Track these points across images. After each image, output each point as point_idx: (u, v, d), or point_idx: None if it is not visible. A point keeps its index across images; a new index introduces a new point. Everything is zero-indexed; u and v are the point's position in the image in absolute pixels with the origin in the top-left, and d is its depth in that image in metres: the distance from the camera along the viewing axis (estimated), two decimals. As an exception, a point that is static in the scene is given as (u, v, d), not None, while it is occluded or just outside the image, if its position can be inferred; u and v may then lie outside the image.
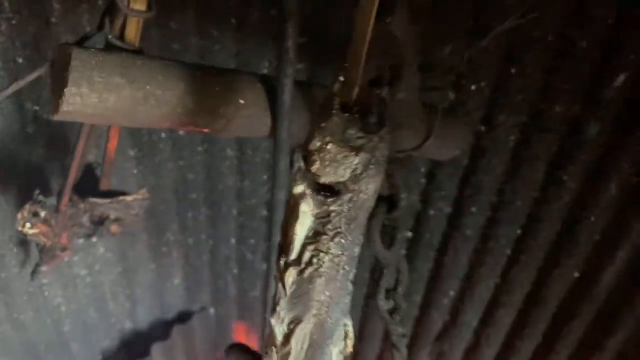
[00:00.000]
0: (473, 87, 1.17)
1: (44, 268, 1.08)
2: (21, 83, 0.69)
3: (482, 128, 1.22)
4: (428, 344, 1.74)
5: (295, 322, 0.53)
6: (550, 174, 1.22)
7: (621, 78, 1.04)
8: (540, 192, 1.26)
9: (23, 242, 1.21)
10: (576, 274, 1.33)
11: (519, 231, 1.35)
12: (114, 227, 1.04)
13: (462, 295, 1.57)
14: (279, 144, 0.72)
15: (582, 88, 1.08)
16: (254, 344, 1.96)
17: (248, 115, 0.70)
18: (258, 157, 1.44)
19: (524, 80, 1.12)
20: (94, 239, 1.10)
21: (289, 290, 0.52)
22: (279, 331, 0.54)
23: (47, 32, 1.04)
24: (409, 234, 1.54)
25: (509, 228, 1.35)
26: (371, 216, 0.72)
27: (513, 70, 1.11)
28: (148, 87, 0.61)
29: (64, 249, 1.02)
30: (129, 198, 0.99)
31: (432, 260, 1.55)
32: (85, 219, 1.01)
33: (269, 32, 1.13)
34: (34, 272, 1.12)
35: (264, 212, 1.57)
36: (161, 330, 1.70)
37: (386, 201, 0.70)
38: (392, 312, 0.79)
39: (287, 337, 0.54)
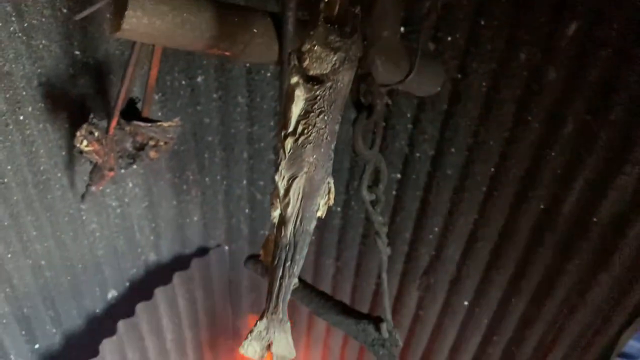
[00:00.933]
0: (449, 39, 1.37)
1: (93, 188, 1.30)
2: (93, 8, 0.90)
3: (458, 76, 1.42)
4: (416, 278, 1.95)
5: (292, 179, 0.74)
6: (517, 115, 1.41)
7: (572, 28, 1.23)
8: (510, 132, 1.45)
9: (66, 168, 1.42)
10: (541, 206, 1.53)
11: (492, 169, 1.55)
12: (152, 153, 1.25)
13: (445, 231, 1.77)
14: (284, 65, 0.93)
15: (540, 37, 1.27)
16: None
17: (260, 42, 0.91)
18: (266, 104, 1.65)
19: (492, 32, 1.31)
20: (135, 166, 1.30)
21: (287, 154, 0.73)
22: (281, 186, 0.75)
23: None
24: (398, 176, 1.75)
25: (483, 166, 1.55)
26: (354, 121, 0.93)
27: (482, 23, 1.31)
28: (185, 14, 0.82)
29: (111, 169, 1.23)
30: (165, 124, 1.19)
31: (418, 200, 1.75)
32: (129, 144, 1.22)
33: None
34: (85, 193, 1.33)
35: (272, 156, 1.79)
36: (181, 263, 1.92)
37: (366, 109, 0.91)
38: (374, 203, 1.00)
39: (287, 191, 0.75)
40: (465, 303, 1.88)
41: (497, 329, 1.83)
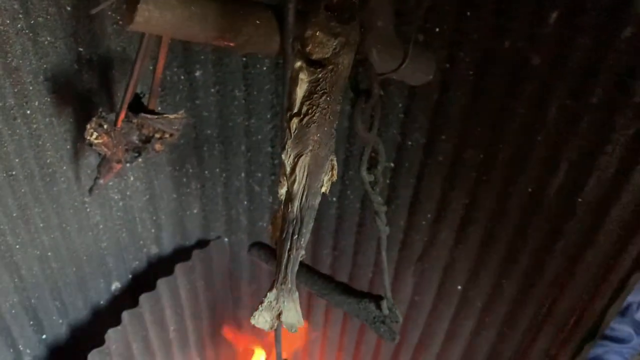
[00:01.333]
0: (437, 30, 1.44)
1: (101, 181, 1.35)
2: (108, 2, 0.95)
3: (447, 65, 1.49)
4: (412, 265, 2.02)
5: (298, 156, 0.80)
6: (504, 102, 1.48)
7: (554, 16, 1.30)
8: (497, 118, 1.52)
9: (71, 161, 1.47)
10: (529, 189, 1.59)
11: (481, 155, 1.61)
12: (157, 145, 1.30)
13: (438, 217, 1.83)
14: (286, 55, 0.98)
15: (524, 26, 1.34)
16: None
17: (263, 33, 0.96)
18: (262, 97, 1.70)
19: (477, 22, 1.38)
20: (140, 159, 1.35)
21: (293, 134, 0.79)
22: (288, 164, 0.81)
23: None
24: (392, 165, 1.81)
25: (473, 152, 1.61)
26: (354, 106, 0.99)
27: (468, 14, 1.37)
28: (192, 8, 0.87)
29: (118, 161, 1.28)
30: (171, 116, 1.25)
31: (412, 187, 1.82)
32: (135, 137, 1.27)
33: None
34: (93, 186, 1.38)
35: (269, 148, 1.85)
36: (182, 255, 1.97)
37: (364, 94, 0.97)
38: (373, 184, 1.06)
39: (293, 168, 0.81)
40: (459, 287, 1.95)
41: (490, 312, 1.90)
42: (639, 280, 1.45)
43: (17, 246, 1.46)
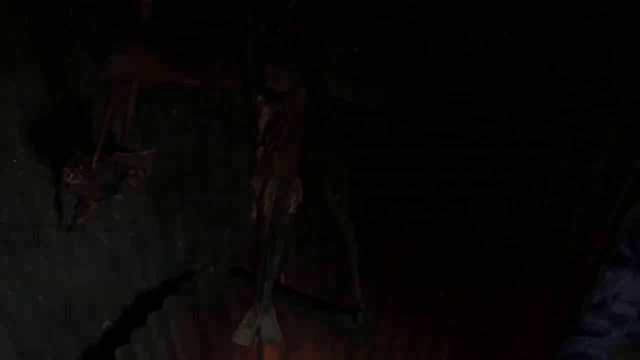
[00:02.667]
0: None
1: (80, 220, 1.40)
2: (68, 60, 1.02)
3: (400, 87, 1.57)
4: (397, 276, 2.07)
5: (265, 182, 0.87)
6: (462, 119, 1.58)
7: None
8: (456, 135, 1.61)
9: (57, 204, 1.52)
10: (497, 197, 1.67)
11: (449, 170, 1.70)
12: (132, 182, 1.36)
13: (417, 228, 1.90)
14: (248, 91, 1.06)
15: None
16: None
17: (226, 71, 1.04)
18: (238, 127, 1.78)
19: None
20: (116, 196, 1.41)
21: (259, 162, 0.86)
22: (257, 188, 0.88)
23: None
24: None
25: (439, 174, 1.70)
26: (316, 129, 1.06)
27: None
28: (159, 53, 0.95)
29: (95, 199, 1.34)
30: (143, 152, 1.31)
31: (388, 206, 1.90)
32: (110, 175, 1.33)
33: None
34: (71, 226, 1.43)
35: (247, 176, 1.92)
36: (170, 288, 2.01)
37: (322, 119, 1.04)
38: (339, 202, 1.13)
39: (262, 193, 0.88)
40: (442, 295, 2.00)
41: (474, 316, 1.95)
42: (605, 274, 1.53)
43: (9, 292, 1.49)
